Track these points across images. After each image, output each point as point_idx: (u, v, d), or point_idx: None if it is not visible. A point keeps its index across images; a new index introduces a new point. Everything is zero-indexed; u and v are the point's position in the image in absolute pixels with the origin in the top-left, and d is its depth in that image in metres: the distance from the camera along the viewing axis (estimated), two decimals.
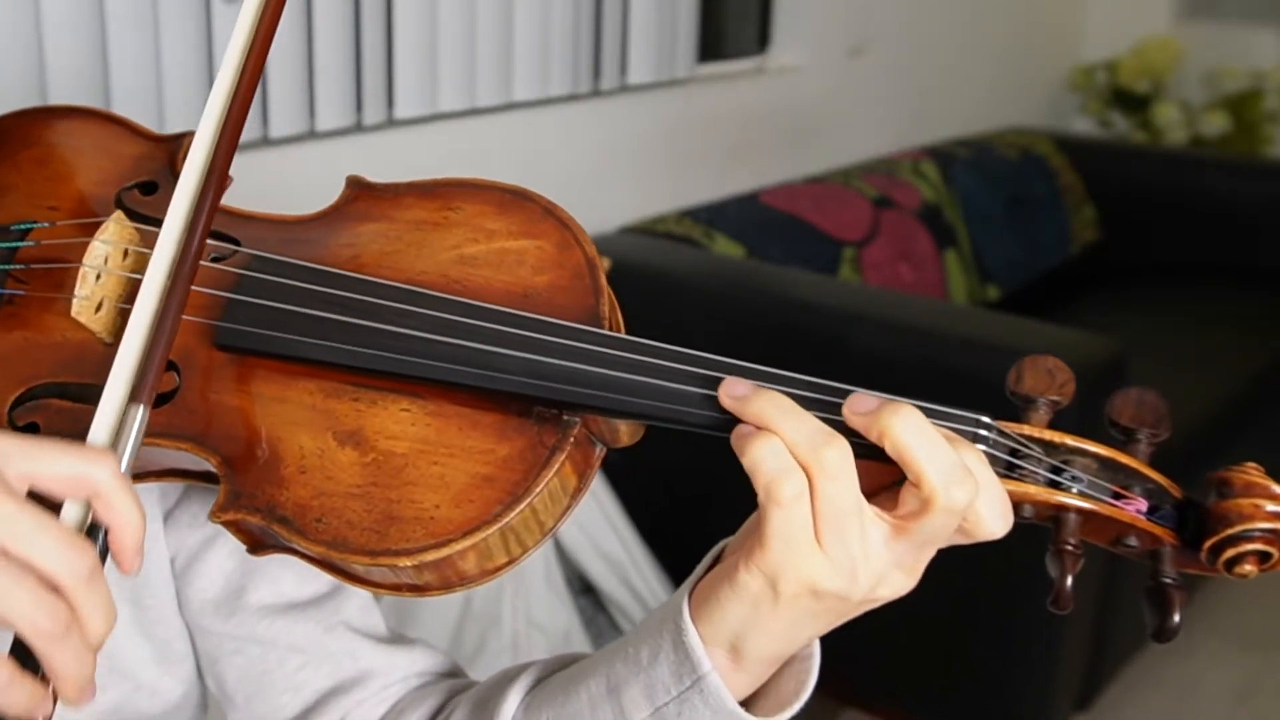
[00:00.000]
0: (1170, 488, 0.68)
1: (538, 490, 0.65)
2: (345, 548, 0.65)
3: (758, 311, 2.28)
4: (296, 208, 0.80)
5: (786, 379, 0.65)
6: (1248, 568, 0.65)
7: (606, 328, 0.69)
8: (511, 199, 0.74)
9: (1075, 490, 0.66)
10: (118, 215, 0.76)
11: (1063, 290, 3.27)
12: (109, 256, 0.74)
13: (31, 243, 0.77)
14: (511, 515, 0.65)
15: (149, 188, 0.79)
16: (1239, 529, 0.64)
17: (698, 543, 0.71)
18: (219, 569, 0.84)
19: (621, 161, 2.60)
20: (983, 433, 0.65)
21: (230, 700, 0.86)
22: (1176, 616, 0.65)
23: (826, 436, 0.61)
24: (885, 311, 2.24)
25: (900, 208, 2.89)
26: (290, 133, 1.96)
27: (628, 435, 0.69)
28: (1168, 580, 0.66)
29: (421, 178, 0.78)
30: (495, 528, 0.65)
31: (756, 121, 2.91)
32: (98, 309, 0.73)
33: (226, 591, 0.84)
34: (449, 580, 0.67)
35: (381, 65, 2.08)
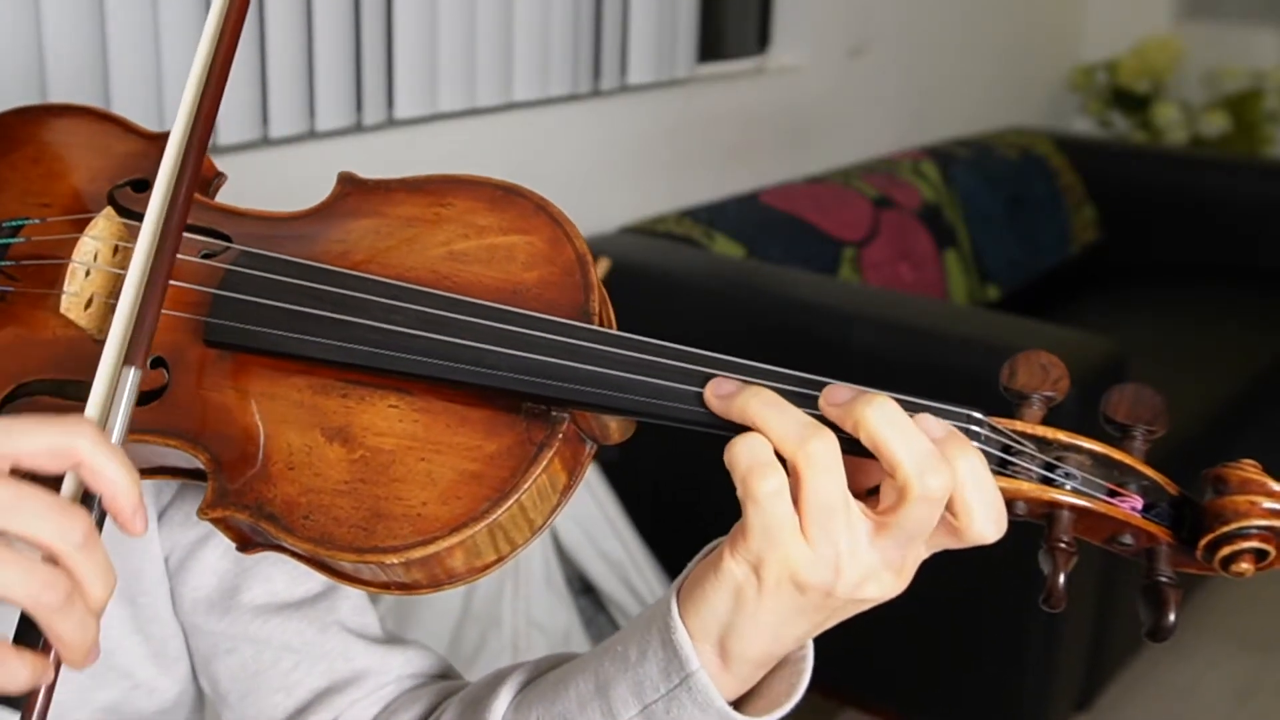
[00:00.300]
0: (1166, 485, 0.67)
1: (525, 487, 0.65)
2: (332, 544, 0.65)
3: (758, 311, 2.28)
4: (296, 208, 0.79)
5: (775, 374, 0.65)
6: (1244, 566, 0.64)
7: (597, 324, 0.68)
8: (503, 195, 0.74)
9: (1069, 487, 0.65)
10: (108, 211, 0.76)
11: (1062, 290, 3.27)
12: (98, 252, 0.74)
13: (23, 239, 0.77)
14: (499, 512, 0.64)
15: (141, 185, 0.79)
16: (1234, 526, 0.63)
17: (698, 543, 0.70)
18: (212, 568, 0.84)
19: (621, 161, 2.59)
20: (974, 428, 0.65)
21: (224, 699, 0.86)
22: (1172, 615, 0.64)
23: (813, 430, 0.61)
24: (885, 311, 2.24)
25: (900, 208, 2.88)
26: (290, 133, 1.96)
27: (618, 432, 0.69)
28: (1163, 579, 0.65)
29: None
30: (483, 525, 0.64)
31: (756, 121, 2.90)
32: (87, 305, 0.73)
33: (220, 590, 0.84)
34: (437, 578, 0.67)
35: (381, 65, 2.07)
